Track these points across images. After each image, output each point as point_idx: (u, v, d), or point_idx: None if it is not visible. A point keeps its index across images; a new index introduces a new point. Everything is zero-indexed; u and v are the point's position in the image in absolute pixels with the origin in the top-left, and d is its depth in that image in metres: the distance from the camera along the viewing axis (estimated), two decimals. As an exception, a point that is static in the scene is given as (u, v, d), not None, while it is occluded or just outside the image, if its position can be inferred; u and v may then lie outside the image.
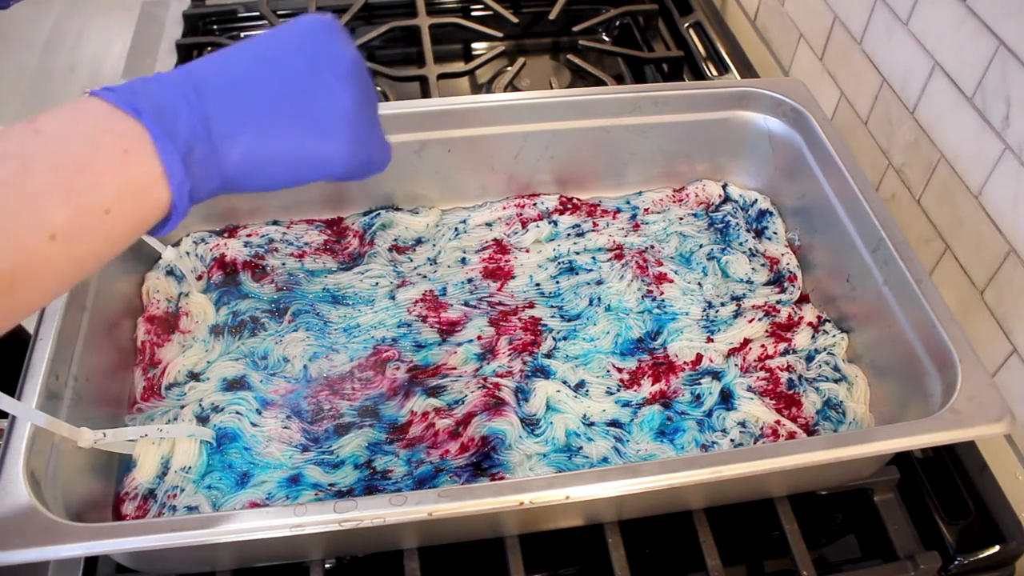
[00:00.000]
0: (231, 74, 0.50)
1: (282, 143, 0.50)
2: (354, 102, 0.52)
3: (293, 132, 0.50)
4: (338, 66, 0.52)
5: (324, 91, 0.51)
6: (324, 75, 0.51)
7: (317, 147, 0.52)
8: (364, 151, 0.54)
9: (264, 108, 0.49)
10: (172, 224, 0.49)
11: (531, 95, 0.90)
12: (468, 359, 0.79)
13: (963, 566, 0.71)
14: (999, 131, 0.77)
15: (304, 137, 0.51)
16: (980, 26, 0.78)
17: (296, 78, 0.51)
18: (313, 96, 0.51)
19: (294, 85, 0.50)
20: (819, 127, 0.85)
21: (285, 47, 0.52)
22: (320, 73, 0.51)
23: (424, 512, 0.57)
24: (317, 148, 0.52)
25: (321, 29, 0.53)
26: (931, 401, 0.68)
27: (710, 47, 1.19)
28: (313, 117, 0.51)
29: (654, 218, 0.93)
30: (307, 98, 0.51)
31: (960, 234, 0.85)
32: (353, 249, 0.89)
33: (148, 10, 1.28)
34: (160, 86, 0.47)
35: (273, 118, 0.50)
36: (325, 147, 0.52)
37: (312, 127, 0.51)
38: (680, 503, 0.71)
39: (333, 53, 0.52)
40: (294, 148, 0.51)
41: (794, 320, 0.83)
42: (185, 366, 0.78)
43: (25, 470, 0.59)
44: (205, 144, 0.47)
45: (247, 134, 0.49)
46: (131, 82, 0.47)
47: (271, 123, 0.50)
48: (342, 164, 0.53)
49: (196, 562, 0.67)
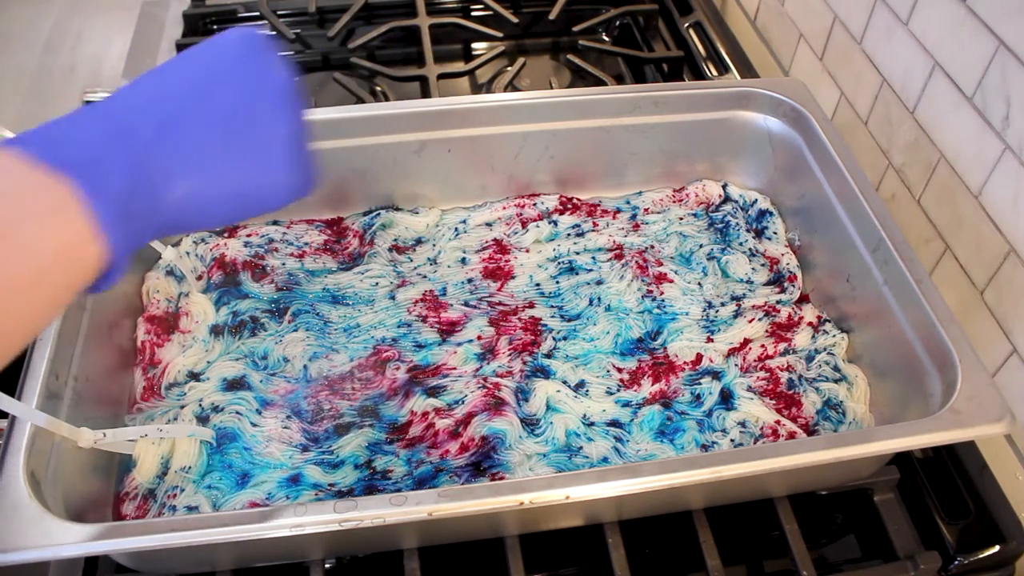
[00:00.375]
0: (164, 108, 0.46)
1: (226, 179, 0.48)
2: (291, 127, 0.50)
3: (236, 166, 0.48)
4: (274, 90, 0.49)
5: (262, 119, 0.48)
6: (261, 102, 0.49)
7: (262, 178, 0.49)
8: (304, 176, 0.52)
9: (204, 143, 0.46)
10: (111, 281, 0.44)
11: (531, 95, 0.90)
12: (468, 359, 0.79)
13: (963, 566, 0.71)
14: (999, 131, 0.77)
15: (247, 170, 0.48)
16: (980, 26, 0.78)
17: (233, 107, 0.48)
18: (252, 125, 0.48)
19: (232, 115, 0.48)
20: (819, 127, 0.85)
21: (217, 73, 0.49)
22: (257, 100, 0.48)
23: (424, 512, 0.57)
24: (262, 179, 0.49)
25: (251, 50, 0.50)
26: (931, 401, 0.68)
27: (710, 47, 1.19)
28: (254, 148, 0.48)
29: (654, 218, 0.93)
30: (246, 128, 0.48)
31: (960, 234, 0.85)
32: (353, 249, 0.89)
33: (148, 10, 1.28)
34: (85, 130, 0.43)
35: (214, 153, 0.47)
36: (270, 178, 0.50)
37: (255, 158, 0.48)
38: (680, 503, 0.71)
39: (267, 77, 0.49)
40: (238, 182, 0.48)
41: (794, 320, 0.83)
42: (185, 366, 0.78)
43: (25, 470, 0.59)
44: (143, 190, 0.44)
45: (189, 174, 0.46)
46: (50, 127, 0.42)
47: (213, 159, 0.47)
48: (286, 192, 0.51)
49: (196, 562, 0.67)
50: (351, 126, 0.86)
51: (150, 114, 0.46)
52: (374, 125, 0.87)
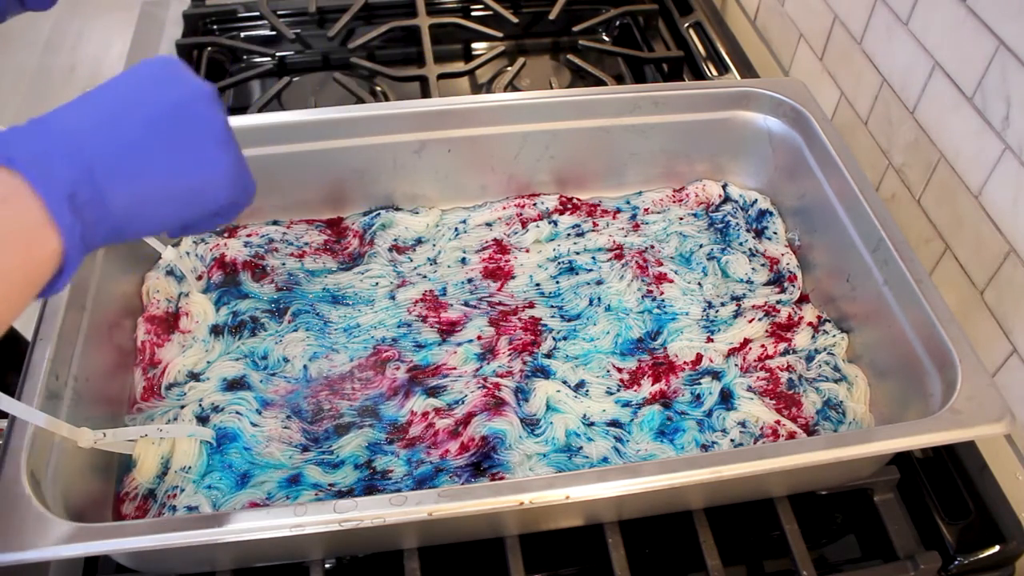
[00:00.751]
0: (100, 114, 0.49)
1: (167, 177, 0.51)
2: (225, 125, 0.53)
3: (175, 164, 0.51)
4: (201, 95, 0.52)
5: (194, 120, 0.52)
6: (191, 104, 0.52)
7: (201, 175, 0.52)
8: (241, 172, 0.55)
9: (141, 144, 0.49)
10: (66, 277, 0.47)
11: (531, 95, 0.90)
12: (468, 359, 0.79)
13: (963, 566, 0.71)
14: (999, 131, 0.77)
15: (186, 168, 0.51)
16: (980, 26, 0.78)
17: (165, 110, 0.51)
18: (186, 125, 0.51)
19: (165, 117, 0.51)
20: (819, 127, 0.85)
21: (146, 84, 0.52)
22: (187, 102, 0.52)
23: (424, 512, 0.57)
24: (201, 176, 0.52)
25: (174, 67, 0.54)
26: (931, 401, 0.68)
27: (710, 47, 1.19)
28: (190, 146, 0.51)
29: (654, 218, 0.93)
30: (181, 128, 0.51)
31: (960, 234, 0.85)
32: (353, 249, 0.89)
33: (148, 10, 1.28)
34: (28, 133, 0.46)
35: (153, 153, 0.50)
36: (208, 173, 0.53)
37: (192, 156, 0.52)
38: (680, 503, 0.71)
39: (192, 85, 0.53)
40: (179, 180, 0.51)
41: (794, 320, 0.83)
42: (185, 366, 0.78)
43: (25, 470, 0.59)
44: (88, 186, 0.46)
45: (131, 174, 0.49)
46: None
47: (152, 159, 0.50)
48: (227, 186, 0.54)
49: (196, 562, 0.67)
50: (351, 126, 0.86)
51: (87, 120, 0.48)
52: (374, 125, 0.87)
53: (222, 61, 1.20)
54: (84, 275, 0.74)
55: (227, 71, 1.19)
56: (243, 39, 1.22)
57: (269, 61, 1.17)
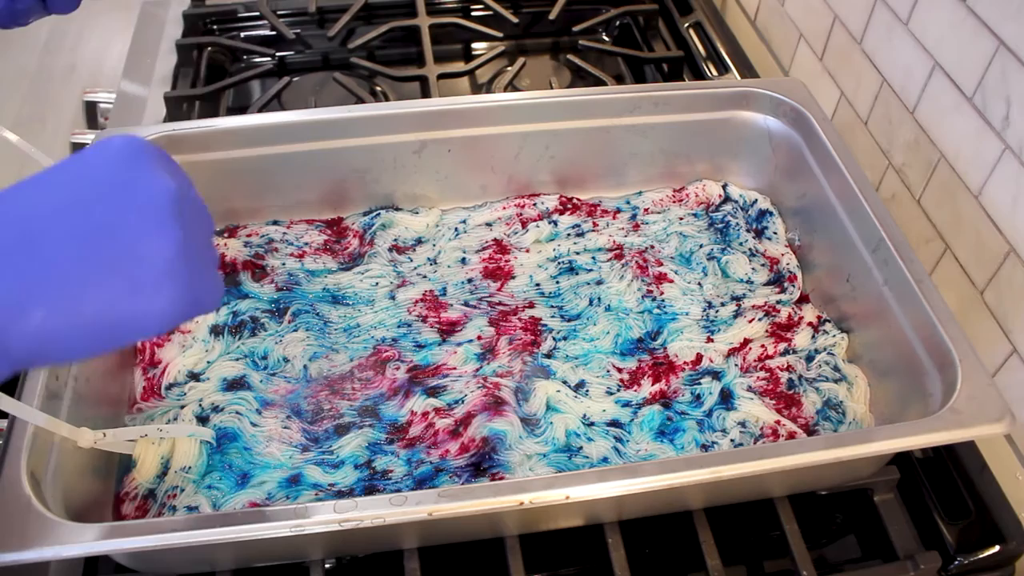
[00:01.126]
0: (17, 227, 0.41)
1: (88, 308, 0.42)
2: (177, 246, 0.43)
3: (99, 292, 0.42)
4: (153, 206, 0.43)
5: (138, 239, 0.42)
6: (136, 219, 0.43)
7: (133, 306, 0.43)
8: (191, 297, 0.45)
9: (63, 268, 0.41)
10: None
11: (531, 95, 0.90)
12: (468, 359, 0.79)
13: (963, 566, 0.71)
14: (999, 131, 0.77)
15: (112, 296, 0.42)
16: (980, 26, 0.78)
17: (98, 225, 0.42)
18: (124, 246, 0.42)
19: (96, 233, 0.42)
20: (819, 127, 0.85)
21: (86, 189, 0.43)
22: (131, 217, 0.43)
23: (424, 512, 0.57)
24: (133, 307, 0.43)
25: (129, 158, 0.44)
26: (931, 401, 0.68)
27: (710, 47, 1.19)
28: (125, 272, 0.42)
29: (654, 218, 0.93)
30: (117, 250, 0.42)
31: (960, 234, 0.85)
32: (353, 249, 0.89)
33: (148, 10, 1.28)
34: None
35: (75, 280, 0.41)
36: (143, 304, 0.43)
37: (124, 284, 0.42)
38: (680, 503, 0.71)
39: (146, 190, 0.43)
40: (103, 312, 0.42)
41: (794, 320, 0.83)
42: (185, 366, 0.78)
43: (25, 470, 0.59)
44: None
45: (43, 303, 0.40)
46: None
47: (71, 285, 0.41)
48: (165, 319, 0.44)
49: (196, 562, 0.67)
50: (351, 126, 0.86)
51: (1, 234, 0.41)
52: (374, 125, 0.87)
53: (222, 61, 1.20)
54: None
55: (227, 71, 1.19)
56: (243, 39, 1.22)
57: (269, 61, 1.17)
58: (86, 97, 1.20)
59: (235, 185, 0.87)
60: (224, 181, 0.86)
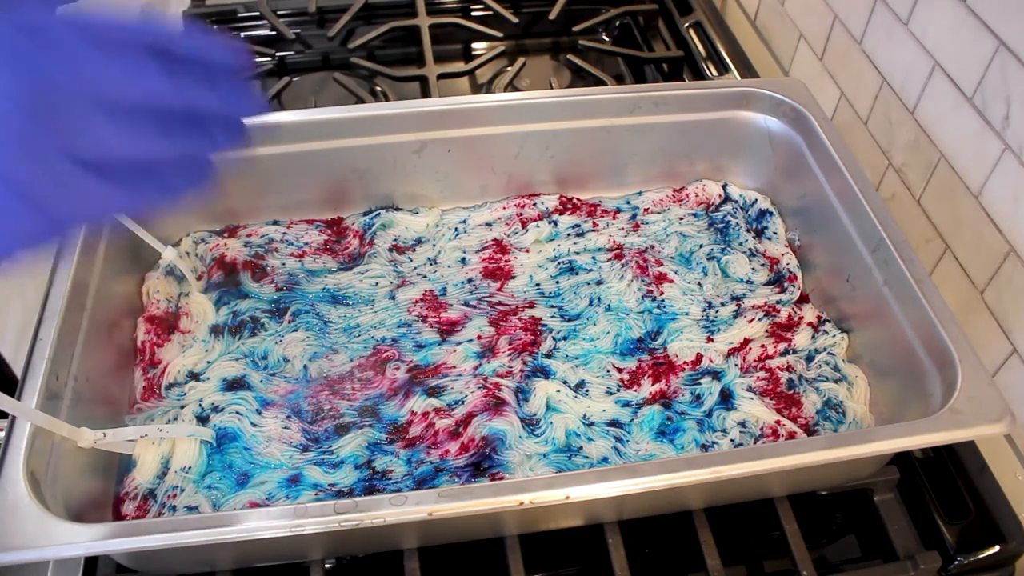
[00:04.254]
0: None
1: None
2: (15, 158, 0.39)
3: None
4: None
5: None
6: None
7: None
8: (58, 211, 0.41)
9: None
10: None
11: (531, 95, 0.90)
12: (468, 359, 0.79)
13: (963, 566, 0.71)
14: (999, 131, 0.77)
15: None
16: (980, 26, 0.78)
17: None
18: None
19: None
20: (819, 127, 0.85)
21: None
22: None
23: (424, 512, 0.57)
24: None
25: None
26: (931, 401, 0.68)
27: (710, 47, 1.19)
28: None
29: (654, 218, 0.93)
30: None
31: (960, 234, 0.85)
32: (353, 249, 0.89)
33: (148, 10, 1.28)
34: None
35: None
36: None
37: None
38: (680, 503, 0.71)
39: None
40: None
41: (794, 320, 0.83)
42: (185, 366, 0.78)
43: (25, 470, 0.59)
44: None
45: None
46: None
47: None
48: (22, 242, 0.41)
49: (196, 562, 0.67)
50: (351, 126, 0.86)
51: None
52: (374, 125, 0.87)
53: (222, 61, 1.20)
54: (84, 275, 0.74)
55: (227, 71, 1.19)
56: (243, 39, 1.22)
57: (269, 61, 1.17)
58: (86, 97, 1.20)
59: (235, 185, 0.87)
60: (224, 181, 0.86)
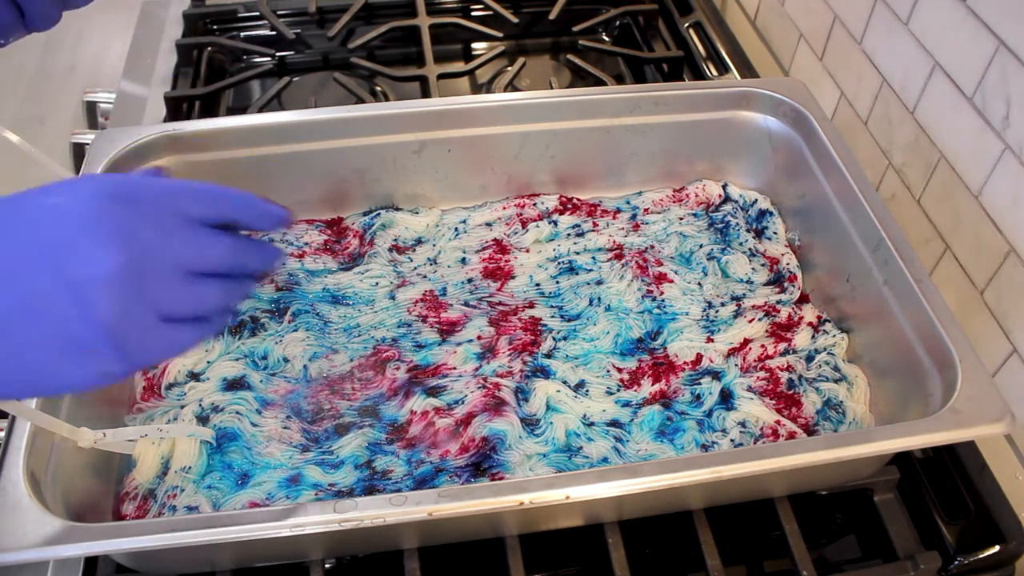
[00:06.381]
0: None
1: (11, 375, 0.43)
2: (99, 328, 0.42)
3: (24, 363, 0.42)
4: (81, 283, 0.41)
5: (65, 320, 0.41)
6: (66, 297, 0.41)
7: (56, 378, 0.43)
8: (120, 368, 0.44)
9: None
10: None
11: (531, 95, 0.90)
12: (468, 359, 0.79)
13: (963, 566, 0.71)
14: (999, 131, 0.77)
15: (46, 365, 0.42)
16: (980, 26, 0.78)
17: (36, 294, 0.41)
18: (51, 321, 0.41)
19: (33, 301, 0.41)
20: (819, 127, 0.85)
21: (24, 257, 0.42)
22: (66, 290, 0.41)
23: (424, 512, 0.57)
24: (56, 379, 0.43)
25: (80, 218, 0.42)
26: (931, 401, 0.68)
27: (710, 47, 1.19)
28: (51, 347, 0.42)
29: (654, 218, 0.93)
30: (42, 325, 0.41)
31: (960, 234, 0.85)
32: (353, 249, 0.89)
33: (148, 10, 1.28)
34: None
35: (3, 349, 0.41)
36: (67, 376, 0.43)
37: (49, 356, 0.42)
38: (680, 503, 0.71)
39: (81, 265, 0.41)
40: (29, 379, 0.43)
41: (794, 320, 0.83)
42: (185, 366, 0.78)
43: (25, 470, 0.59)
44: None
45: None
46: None
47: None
48: (89, 384, 0.44)
49: (196, 562, 0.67)
50: (351, 126, 0.86)
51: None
52: (374, 125, 0.87)
53: (222, 61, 1.20)
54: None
55: (227, 71, 1.19)
56: (243, 39, 1.22)
57: (269, 61, 1.17)
58: (86, 97, 1.20)
59: (235, 185, 0.85)
60: (224, 181, 0.84)
